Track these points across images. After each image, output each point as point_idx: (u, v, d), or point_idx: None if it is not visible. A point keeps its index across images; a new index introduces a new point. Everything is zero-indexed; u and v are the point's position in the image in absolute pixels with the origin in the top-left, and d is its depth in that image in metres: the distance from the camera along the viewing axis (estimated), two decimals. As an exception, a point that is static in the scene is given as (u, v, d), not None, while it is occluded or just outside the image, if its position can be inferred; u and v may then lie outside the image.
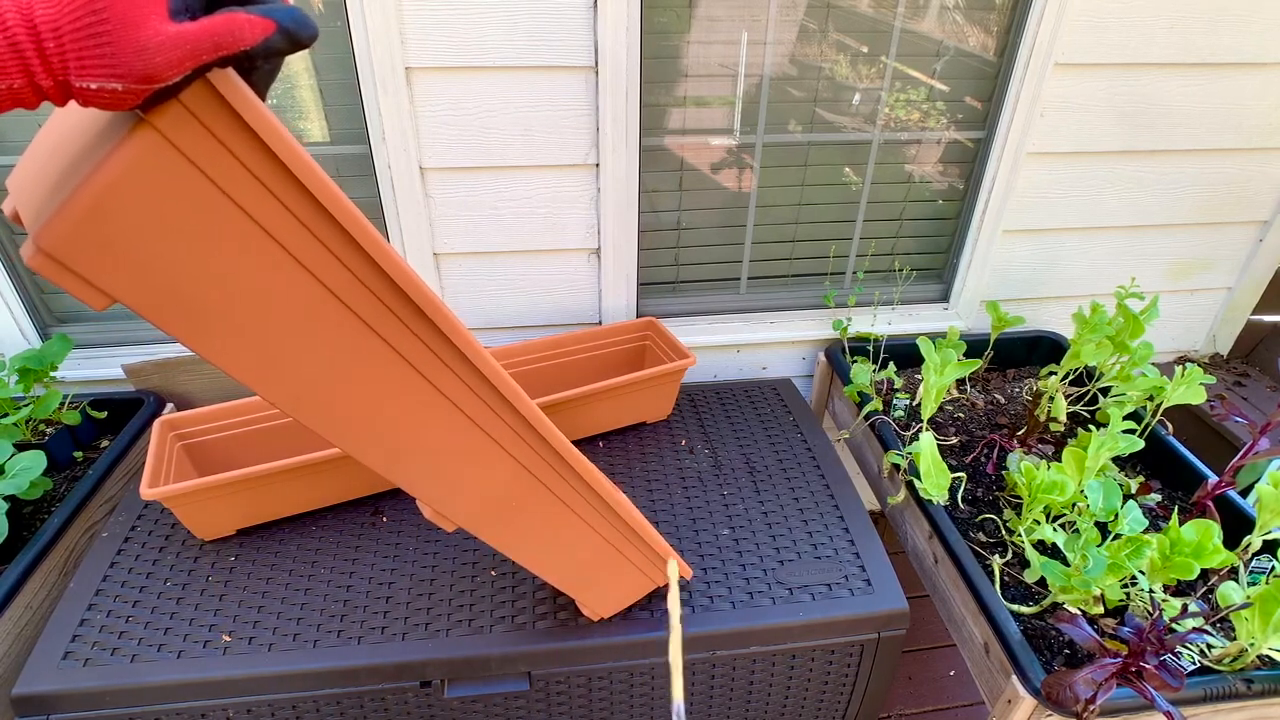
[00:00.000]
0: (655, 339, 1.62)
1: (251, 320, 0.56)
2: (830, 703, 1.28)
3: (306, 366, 0.61)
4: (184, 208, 0.48)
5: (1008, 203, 1.68)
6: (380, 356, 0.64)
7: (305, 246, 0.55)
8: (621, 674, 1.14)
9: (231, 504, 1.22)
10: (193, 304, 0.53)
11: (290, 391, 0.62)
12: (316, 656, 1.06)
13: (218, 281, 0.53)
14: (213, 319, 0.54)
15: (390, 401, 0.68)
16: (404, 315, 0.63)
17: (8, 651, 1.11)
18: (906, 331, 1.79)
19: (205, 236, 0.50)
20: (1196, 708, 1.03)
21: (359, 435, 0.69)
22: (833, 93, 1.59)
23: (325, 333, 0.60)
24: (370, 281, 0.59)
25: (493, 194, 1.49)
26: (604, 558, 1.00)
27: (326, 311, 0.59)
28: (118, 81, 0.40)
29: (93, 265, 0.47)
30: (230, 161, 0.48)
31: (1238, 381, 1.93)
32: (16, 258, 1.49)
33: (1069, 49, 1.50)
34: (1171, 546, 1.05)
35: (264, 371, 0.60)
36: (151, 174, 0.46)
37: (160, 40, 0.40)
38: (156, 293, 0.51)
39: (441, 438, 0.75)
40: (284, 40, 0.44)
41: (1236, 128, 1.66)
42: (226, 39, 0.42)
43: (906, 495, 1.37)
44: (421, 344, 0.66)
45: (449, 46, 1.33)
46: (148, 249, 0.49)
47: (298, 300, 0.57)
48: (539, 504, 0.87)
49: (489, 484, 0.82)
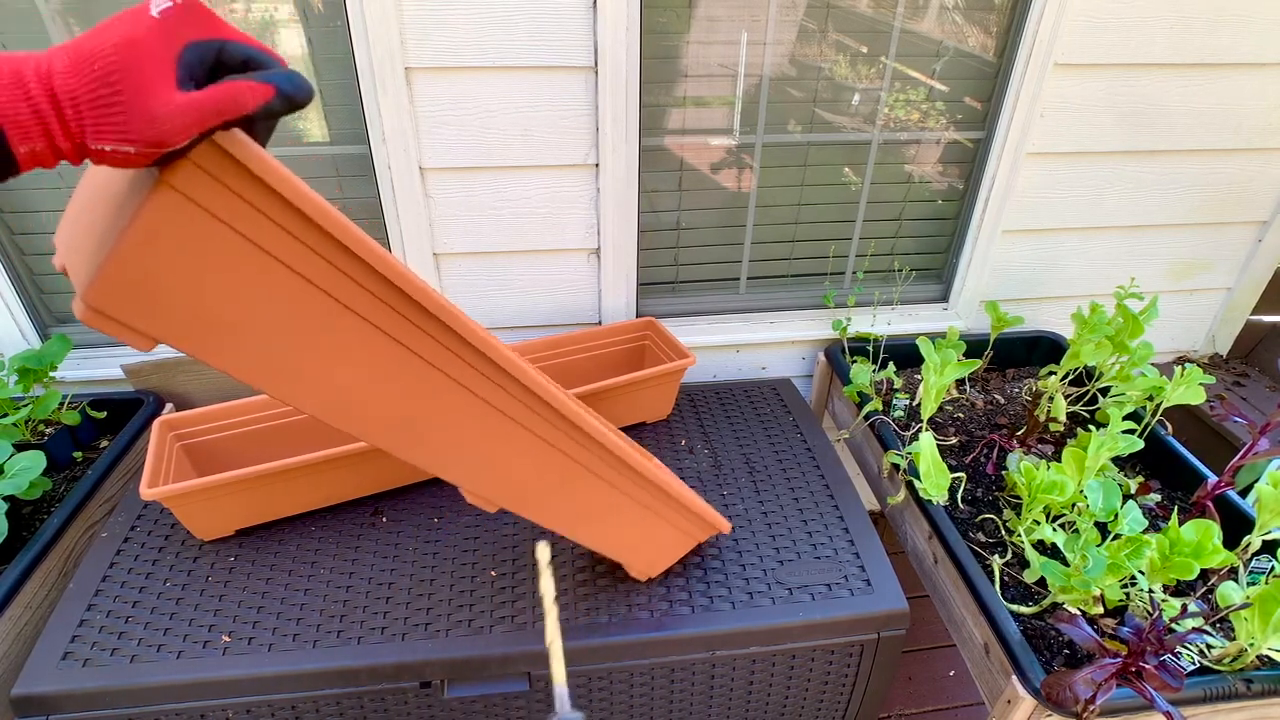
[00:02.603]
0: (655, 339, 1.62)
1: (284, 344, 0.61)
2: (830, 703, 1.28)
3: (341, 381, 0.66)
4: (207, 252, 0.53)
5: (1007, 203, 1.68)
6: (407, 364, 0.69)
7: (323, 273, 0.59)
8: (621, 674, 1.14)
9: (231, 504, 1.22)
10: (230, 337, 0.58)
11: (329, 403, 0.67)
12: (316, 656, 1.06)
13: (249, 314, 0.58)
14: (249, 348, 0.60)
15: (424, 405, 0.73)
16: (422, 323, 0.67)
17: (7, 651, 1.11)
18: (906, 331, 1.79)
19: (232, 275, 0.55)
20: (1196, 708, 1.03)
21: (401, 440, 0.74)
22: (832, 93, 1.59)
23: (354, 348, 0.65)
24: (387, 296, 0.64)
25: (492, 194, 1.49)
26: (643, 524, 1.05)
27: (350, 328, 0.63)
28: (130, 145, 0.44)
29: (135, 314, 0.52)
30: (243, 207, 0.53)
31: (1237, 382, 1.93)
32: (16, 258, 1.49)
33: (1069, 49, 1.50)
34: (1171, 546, 1.05)
35: (305, 391, 0.65)
36: (174, 227, 0.51)
37: (169, 109, 0.44)
38: (197, 330, 0.56)
39: (479, 435, 0.79)
40: (282, 103, 0.48)
41: (1236, 128, 1.66)
42: (229, 105, 0.46)
43: (906, 495, 1.37)
44: (442, 347, 0.70)
45: (448, 46, 1.33)
46: (182, 293, 0.54)
47: (322, 321, 0.62)
48: (578, 482, 0.92)
49: (530, 470, 0.86)
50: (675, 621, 1.13)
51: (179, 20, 0.45)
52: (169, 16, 0.44)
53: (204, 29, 0.46)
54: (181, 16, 0.45)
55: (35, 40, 1.29)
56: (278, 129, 1.56)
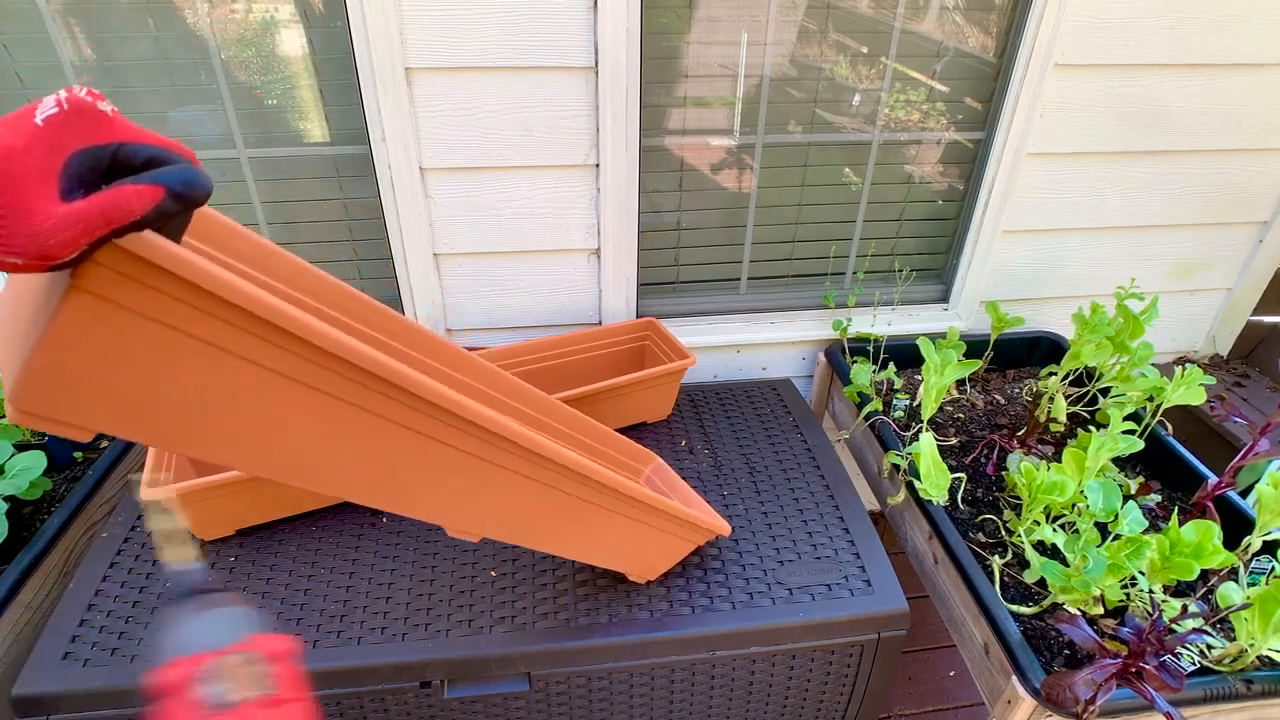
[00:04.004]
0: (655, 339, 1.62)
1: (226, 420, 0.61)
2: (830, 703, 1.28)
3: (298, 447, 0.66)
4: (130, 345, 0.53)
5: (1007, 203, 1.68)
6: (353, 419, 0.67)
7: (253, 348, 0.58)
8: (621, 674, 1.14)
9: (231, 504, 1.22)
10: (168, 420, 0.58)
11: (292, 469, 0.67)
12: (316, 656, 1.06)
13: (183, 397, 0.57)
14: (192, 429, 0.59)
15: (391, 460, 0.72)
16: (368, 383, 0.65)
17: (8, 652, 1.11)
18: (906, 332, 1.79)
19: (158, 363, 0.55)
20: (1196, 708, 1.03)
21: (377, 495, 0.74)
22: (833, 93, 1.59)
23: (301, 415, 0.64)
24: (327, 363, 0.62)
25: (493, 194, 1.49)
26: (637, 537, 1.05)
27: (293, 397, 0.62)
28: (17, 258, 0.42)
29: (66, 410, 0.52)
30: (160, 298, 0.52)
31: (1237, 382, 1.93)
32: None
33: (1069, 50, 1.50)
34: (1171, 547, 1.05)
35: (259, 460, 0.65)
36: (90, 326, 0.50)
37: (52, 224, 0.42)
38: (133, 418, 0.56)
39: (456, 480, 0.78)
40: (174, 203, 0.45)
41: (1236, 128, 1.66)
42: (115, 213, 0.43)
43: (906, 495, 1.37)
44: (400, 405, 0.68)
45: (449, 47, 1.33)
46: (110, 385, 0.53)
47: (260, 393, 0.61)
48: (565, 509, 0.91)
49: (515, 505, 0.86)
50: (675, 621, 1.13)
51: (64, 127, 0.43)
52: (53, 123, 0.42)
53: (94, 134, 0.44)
54: (68, 122, 0.43)
55: (36, 39, 1.29)
56: (277, 128, 1.55)
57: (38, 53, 1.31)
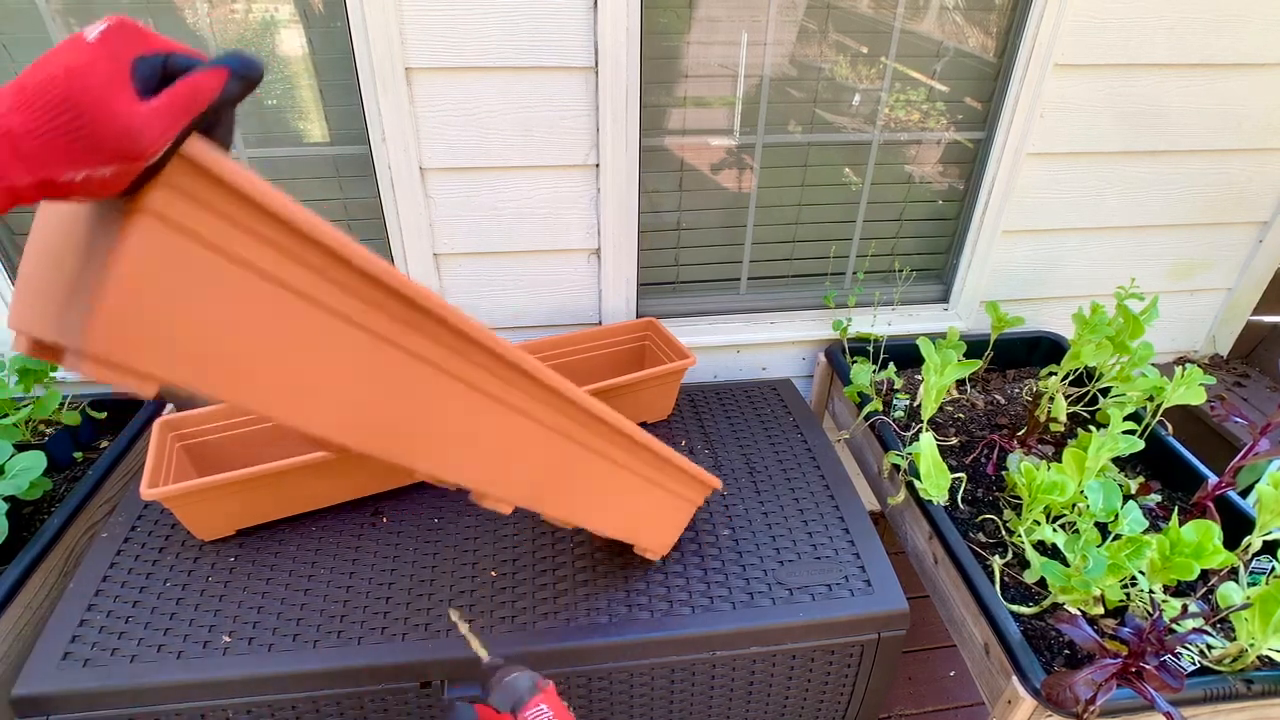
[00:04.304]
0: (655, 339, 1.62)
1: (283, 365, 0.58)
2: (830, 703, 1.28)
3: (356, 398, 0.64)
4: (194, 278, 0.51)
5: (1007, 203, 1.68)
6: (403, 364, 0.66)
7: (303, 279, 0.56)
8: (621, 674, 1.14)
9: (231, 504, 1.22)
10: (231, 366, 0.55)
11: (347, 425, 0.64)
12: (316, 656, 1.06)
13: (246, 338, 0.55)
14: (255, 375, 0.57)
15: (422, 404, 0.70)
16: (422, 324, 0.65)
17: (8, 652, 1.11)
18: (906, 332, 1.79)
19: (222, 299, 0.53)
20: (1197, 708, 1.03)
21: (405, 448, 0.71)
22: (833, 93, 1.59)
23: (358, 360, 0.62)
24: (381, 299, 0.61)
25: (493, 194, 1.49)
26: (647, 496, 1.06)
27: (350, 340, 0.61)
28: (107, 166, 0.43)
29: (138, 356, 0.49)
30: (221, 223, 0.51)
31: (1238, 382, 1.93)
32: (16, 257, 1.49)
33: (1069, 50, 1.50)
34: (1171, 547, 1.05)
35: (316, 414, 0.62)
36: (159, 255, 0.49)
37: (142, 119, 0.43)
38: (200, 365, 0.53)
39: (494, 434, 0.78)
40: (238, 84, 0.48)
41: (1236, 128, 1.66)
42: (194, 100, 0.46)
43: (906, 496, 1.37)
44: (432, 341, 0.67)
45: (449, 46, 1.33)
46: (179, 326, 0.51)
47: (316, 334, 0.59)
48: (584, 465, 0.92)
49: (540, 462, 0.85)
50: (675, 621, 1.13)
51: (118, 39, 0.44)
52: (108, 37, 0.44)
53: (143, 45, 0.45)
54: (119, 35, 0.44)
55: (36, 40, 1.29)
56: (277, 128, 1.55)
57: (38, 53, 1.31)
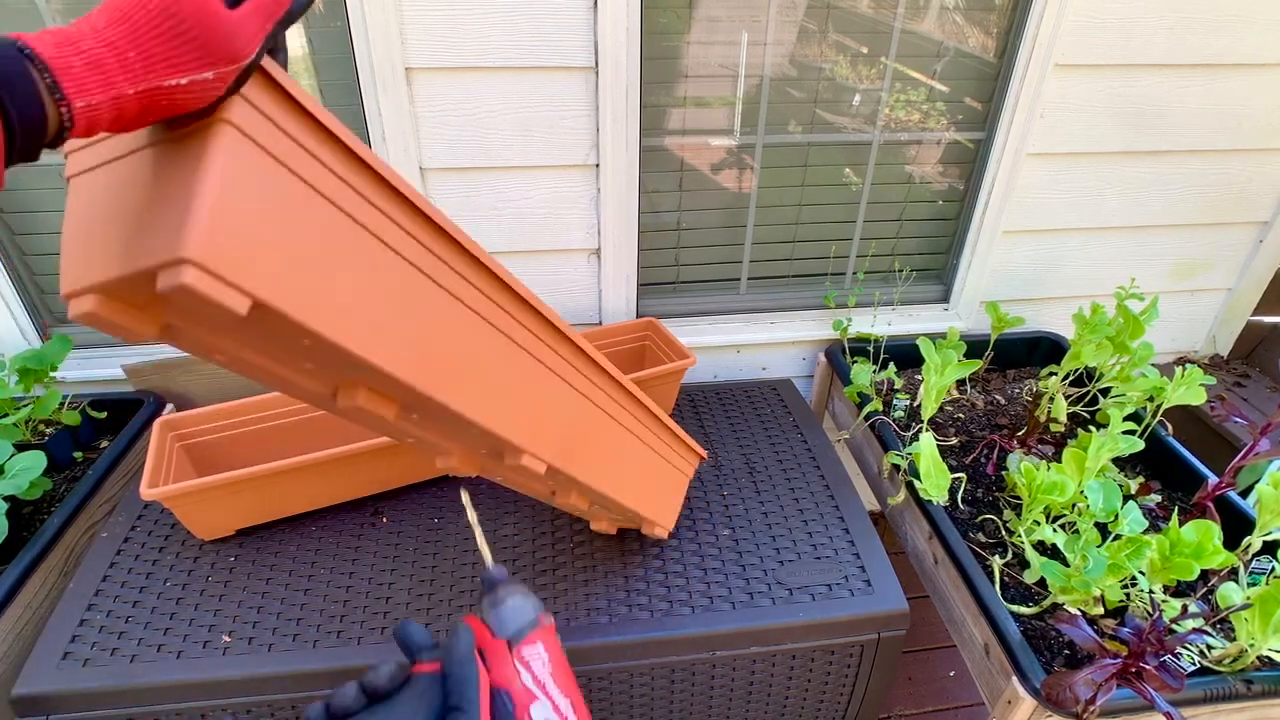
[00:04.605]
0: (655, 339, 1.62)
1: (357, 292, 0.57)
2: (830, 703, 1.28)
3: (418, 335, 0.64)
4: (272, 192, 0.50)
5: (1008, 203, 1.68)
6: (467, 319, 0.69)
7: (364, 212, 0.57)
8: (621, 674, 1.14)
9: (231, 504, 1.22)
10: (309, 285, 0.53)
11: (405, 359, 0.63)
12: (316, 656, 1.06)
13: (320, 259, 0.54)
14: (334, 299, 0.55)
15: (475, 354, 0.72)
16: (472, 274, 0.68)
17: (7, 652, 1.11)
18: (907, 332, 1.79)
19: (297, 218, 0.52)
20: (1197, 708, 1.03)
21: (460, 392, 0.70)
22: (833, 93, 1.59)
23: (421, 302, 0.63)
24: (433, 244, 0.63)
25: (493, 194, 1.49)
26: (649, 463, 1.08)
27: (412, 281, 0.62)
28: (209, 70, 0.44)
29: (233, 266, 0.47)
30: (284, 138, 0.51)
31: (1238, 382, 1.93)
32: (17, 258, 1.50)
33: (1069, 50, 1.50)
34: (1171, 547, 1.05)
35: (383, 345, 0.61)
36: (242, 166, 0.48)
37: (235, 21, 0.45)
38: (287, 281, 0.51)
39: (540, 390, 0.81)
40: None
41: (1236, 128, 1.66)
42: (276, 5, 0.47)
43: (906, 496, 1.37)
44: (461, 277, 0.69)
45: (449, 46, 1.33)
46: (264, 238, 0.50)
47: (384, 269, 0.59)
48: (602, 429, 0.95)
49: (567, 420, 0.88)
50: (675, 621, 1.13)
51: None
52: None
53: None
54: None
55: (36, 40, 1.29)
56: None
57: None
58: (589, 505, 1.06)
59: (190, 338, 0.58)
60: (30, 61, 0.41)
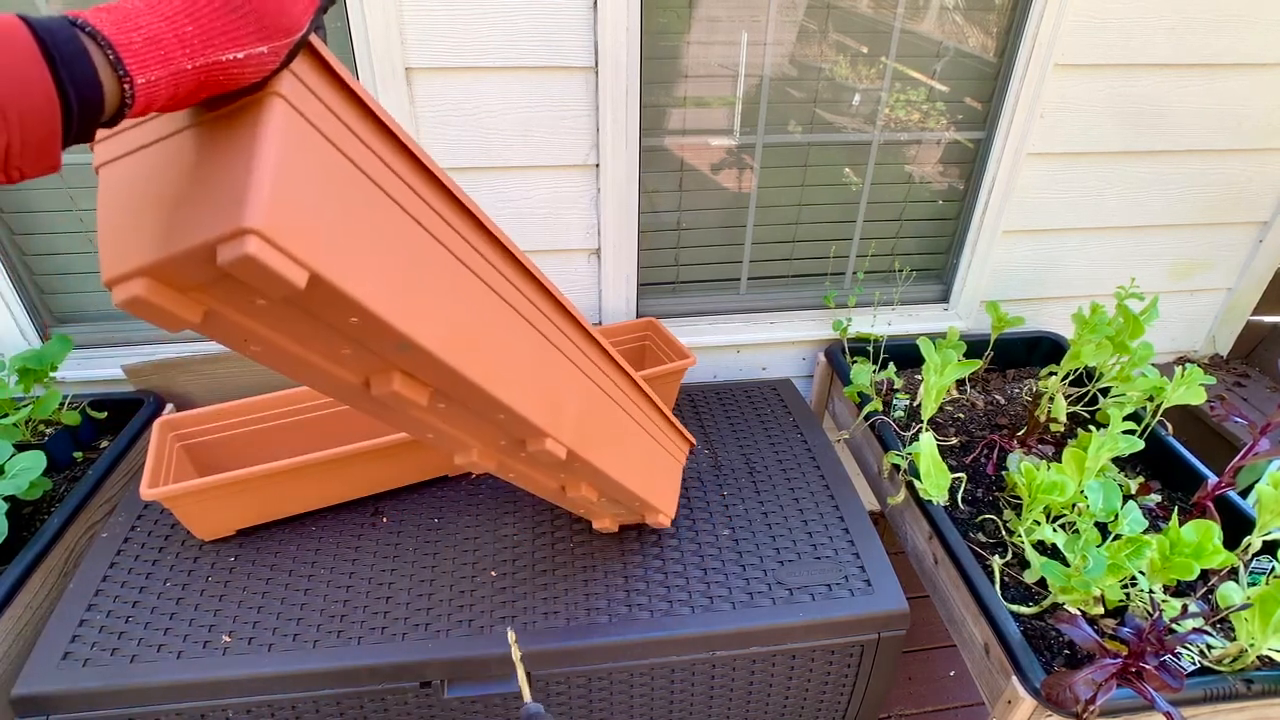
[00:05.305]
0: (655, 339, 1.62)
1: (398, 268, 0.58)
2: (830, 703, 1.28)
3: (452, 314, 0.65)
4: (322, 167, 0.50)
5: (1008, 203, 1.68)
6: (498, 306, 0.71)
7: (407, 198, 0.58)
8: (621, 674, 1.14)
9: (231, 504, 1.22)
10: (357, 259, 0.53)
11: (441, 335, 0.64)
12: (316, 656, 1.06)
13: (365, 233, 0.54)
14: (380, 273, 0.55)
15: (504, 338, 0.74)
16: (505, 267, 0.72)
17: (8, 652, 1.11)
18: (906, 332, 1.79)
19: (344, 194, 0.52)
20: (1197, 708, 1.03)
21: (490, 372, 0.71)
22: (833, 93, 1.59)
23: (460, 290, 0.66)
24: (462, 227, 0.65)
25: (493, 194, 1.49)
26: (648, 448, 1.11)
27: (449, 265, 0.64)
28: (265, 43, 0.45)
29: (293, 237, 0.47)
30: (328, 115, 0.51)
31: (1238, 382, 1.93)
32: (17, 258, 1.49)
33: (1069, 49, 1.50)
34: (1171, 547, 1.05)
35: (421, 320, 0.61)
36: (294, 139, 0.48)
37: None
38: (338, 256, 0.51)
39: (564, 378, 0.84)
40: None
41: (1236, 128, 1.66)
42: None
43: (906, 495, 1.37)
44: (486, 261, 0.71)
45: (449, 47, 1.33)
46: (318, 211, 0.50)
47: (422, 249, 0.60)
48: (611, 417, 0.97)
49: (583, 407, 0.90)
50: (675, 621, 1.13)
51: None
52: None
53: None
54: None
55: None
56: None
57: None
58: (598, 497, 1.06)
59: (229, 324, 0.56)
60: (93, 39, 0.40)
